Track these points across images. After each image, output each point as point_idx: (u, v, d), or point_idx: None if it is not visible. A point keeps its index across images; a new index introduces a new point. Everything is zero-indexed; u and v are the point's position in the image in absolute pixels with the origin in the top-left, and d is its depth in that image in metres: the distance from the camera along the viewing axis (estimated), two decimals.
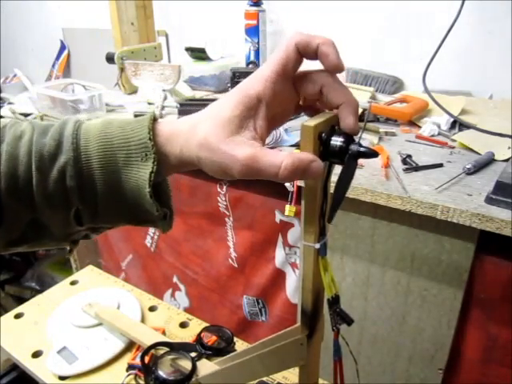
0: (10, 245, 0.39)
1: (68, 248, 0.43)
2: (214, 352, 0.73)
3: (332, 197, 0.38)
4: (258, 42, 1.39)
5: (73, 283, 1.03)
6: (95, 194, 0.37)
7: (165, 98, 1.23)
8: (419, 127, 1.05)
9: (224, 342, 0.78)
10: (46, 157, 0.36)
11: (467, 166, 0.80)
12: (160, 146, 0.38)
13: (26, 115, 1.93)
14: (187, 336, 0.86)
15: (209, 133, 0.36)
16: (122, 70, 1.34)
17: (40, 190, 0.36)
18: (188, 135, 0.37)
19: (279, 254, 1.00)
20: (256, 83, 0.36)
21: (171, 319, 0.90)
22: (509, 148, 0.88)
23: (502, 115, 1.03)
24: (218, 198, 1.03)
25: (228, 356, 0.62)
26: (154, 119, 0.39)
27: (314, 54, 0.36)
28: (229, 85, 1.16)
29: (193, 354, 0.72)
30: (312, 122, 0.36)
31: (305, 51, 0.36)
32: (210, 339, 0.79)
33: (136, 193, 0.37)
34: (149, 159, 0.36)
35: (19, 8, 2.25)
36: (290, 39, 0.36)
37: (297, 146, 0.94)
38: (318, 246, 0.43)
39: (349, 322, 0.45)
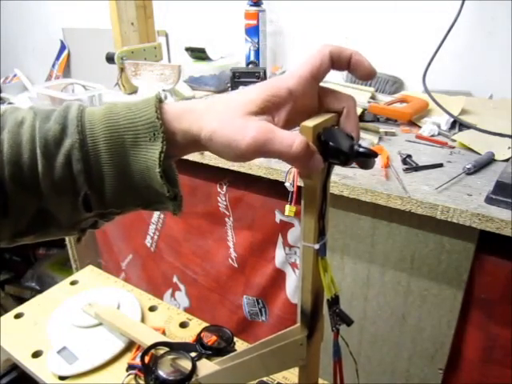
0: (17, 236, 0.38)
1: (77, 236, 0.41)
2: (214, 352, 0.73)
3: None
4: (258, 42, 1.39)
5: (73, 283, 1.03)
6: (103, 177, 0.36)
7: (165, 98, 1.22)
8: (419, 127, 1.05)
9: (224, 342, 0.78)
10: (51, 141, 0.35)
11: (467, 166, 0.80)
12: (167, 123, 0.37)
13: None
14: (187, 336, 0.86)
15: (229, 107, 0.36)
16: (122, 70, 1.34)
17: (46, 176, 0.35)
18: (204, 111, 0.37)
19: (279, 254, 1.00)
20: (290, 78, 0.37)
21: (171, 319, 0.90)
22: (509, 148, 0.88)
23: (502, 115, 1.03)
24: (218, 198, 1.03)
25: (228, 356, 0.62)
26: (160, 100, 0.38)
27: (345, 63, 0.38)
28: (229, 85, 1.16)
29: (193, 354, 0.72)
30: (311, 122, 0.36)
31: (338, 59, 0.38)
32: (210, 339, 0.79)
33: (146, 174, 0.36)
34: (157, 139, 0.35)
35: (19, 8, 2.25)
36: (324, 47, 0.38)
37: None
38: (317, 246, 0.43)
39: (348, 322, 0.45)
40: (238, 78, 1.13)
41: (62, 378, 0.77)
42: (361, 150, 0.35)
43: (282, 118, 0.37)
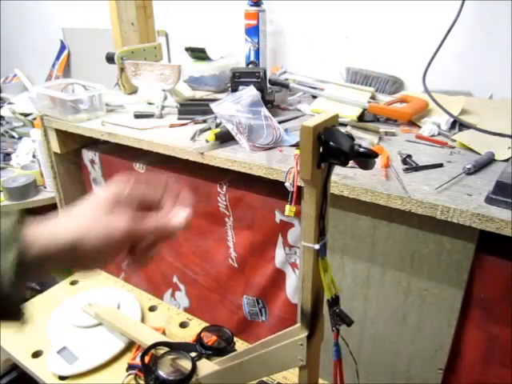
0: None
1: None
2: (214, 352, 0.73)
3: None
4: (258, 42, 1.39)
5: (73, 283, 1.03)
6: None
7: (165, 98, 1.23)
8: (419, 127, 1.05)
9: (224, 342, 0.78)
10: None
11: (467, 166, 0.80)
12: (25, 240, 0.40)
13: (26, 115, 1.93)
14: (187, 336, 0.86)
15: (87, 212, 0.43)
16: (122, 70, 1.34)
17: None
18: (57, 225, 0.42)
19: (279, 254, 1.00)
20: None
21: (171, 319, 0.90)
22: (509, 148, 0.88)
23: (502, 115, 1.03)
24: (218, 198, 1.03)
25: (228, 356, 0.62)
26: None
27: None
28: (229, 85, 1.16)
29: (193, 354, 0.72)
30: (312, 122, 0.36)
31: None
32: (210, 339, 0.79)
33: None
34: (9, 248, 0.39)
35: (19, 8, 2.25)
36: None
37: (297, 146, 0.94)
38: (317, 246, 0.43)
39: (348, 322, 0.45)
40: (238, 78, 1.13)
41: (61, 377, 0.77)
42: (361, 150, 0.35)
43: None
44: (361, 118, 1.09)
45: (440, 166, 0.84)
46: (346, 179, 0.79)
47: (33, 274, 0.42)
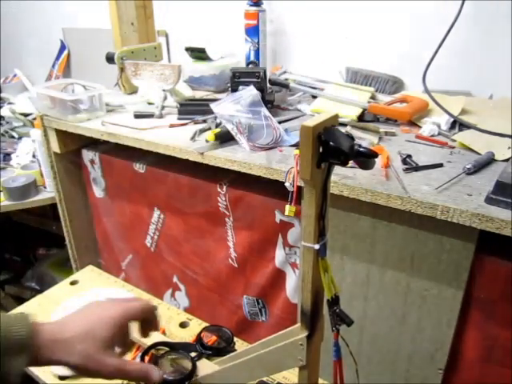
0: None
1: None
2: (214, 352, 0.73)
3: None
4: (258, 42, 1.39)
5: (73, 283, 1.03)
6: None
7: (165, 98, 1.23)
8: (419, 127, 1.05)
9: (224, 342, 0.78)
10: None
11: (467, 166, 0.80)
12: (37, 348, 0.48)
13: (26, 115, 1.93)
14: (187, 336, 0.86)
15: (93, 344, 0.52)
16: (122, 70, 1.34)
17: None
18: (71, 345, 0.51)
19: (279, 254, 1.00)
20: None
21: (171, 319, 0.90)
22: (509, 148, 0.88)
23: (502, 115, 1.03)
24: (218, 198, 1.03)
25: (228, 356, 0.62)
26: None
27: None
28: (229, 85, 1.16)
29: (193, 354, 0.72)
30: (311, 122, 0.36)
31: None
32: (210, 339, 0.79)
33: (5, 376, 0.46)
34: (22, 354, 0.46)
35: (19, 8, 2.25)
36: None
37: (296, 146, 0.94)
38: (317, 246, 0.43)
39: (348, 322, 0.45)
40: (238, 78, 1.13)
41: (61, 378, 0.77)
42: (361, 150, 0.35)
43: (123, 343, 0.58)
44: (361, 118, 1.09)
45: (440, 166, 0.84)
46: (345, 179, 0.79)
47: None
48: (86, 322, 0.54)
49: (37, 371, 0.78)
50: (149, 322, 0.63)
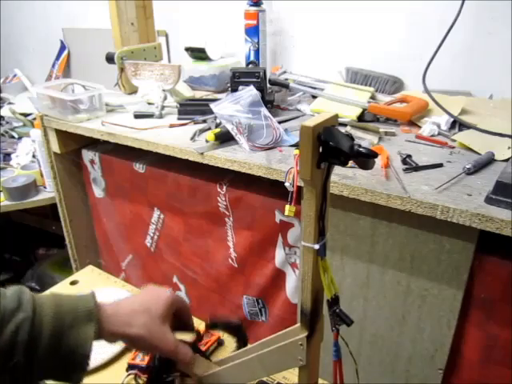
0: None
1: None
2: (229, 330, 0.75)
3: None
4: (258, 42, 1.39)
5: (73, 283, 1.03)
6: (38, 346, 0.46)
7: (165, 98, 1.23)
8: (419, 127, 1.05)
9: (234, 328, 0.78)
10: (7, 313, 0.45)
11: (467, 166, 0.80)
12: (101, 320, 0.51)
13: (26, 115, 1.93)
14: (187, 336, 0.86)
15: (150, 318, 0.55)
16: (122, 69, 1.34)
17: None
18: (127, 320, 0.54)
19: (279, 253, 1.00)
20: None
21: None
22: (509, 148, 0.88)
23: (502, 115, 1.03)
24: (218, 198, 1.03)
25: (228, 356, 0.62)
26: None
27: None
28: (228, 85, 1.16)
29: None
30: (311, 122, 0.36)
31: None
32: (211, 339, 0.79)
33: (74, 348, 0.48)
34: (91, 323, 0.50)
35: (19, 8, 2.25)
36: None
37: (296, 146, 0.94)
38: (317, 246, 0.43)
39: (348, 322, 0.45)
40: (238, 78, 1.13)
41: None
42: (361, 150, 0.35)
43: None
44: (361, 118, 1.09)
45: (440, 165, 0.84)
46: (345, 179, 0.79)
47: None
48: (142, 300, 0.57)
49: None
50: (184, 320, 0.64)
